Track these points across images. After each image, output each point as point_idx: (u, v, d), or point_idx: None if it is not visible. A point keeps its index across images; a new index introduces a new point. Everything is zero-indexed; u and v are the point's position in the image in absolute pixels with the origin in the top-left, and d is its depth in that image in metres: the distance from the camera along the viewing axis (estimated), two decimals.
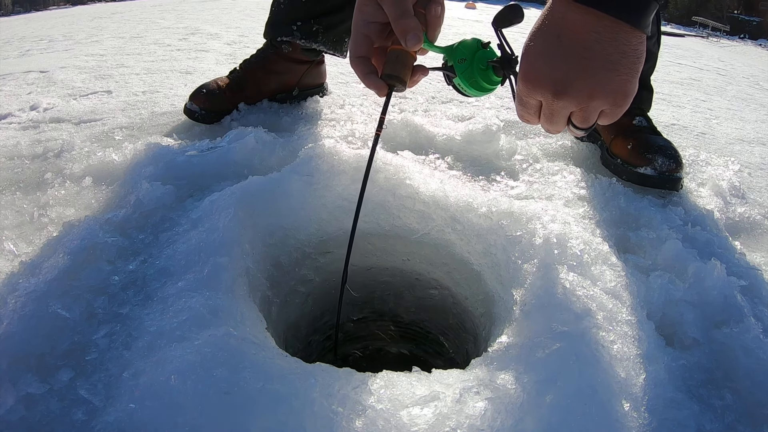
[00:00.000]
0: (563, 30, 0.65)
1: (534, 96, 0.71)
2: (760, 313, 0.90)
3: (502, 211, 0.97)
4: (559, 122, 0.72)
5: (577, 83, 0.66)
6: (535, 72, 0.68)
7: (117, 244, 0.94)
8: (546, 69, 0.67)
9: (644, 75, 1.51)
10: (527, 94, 0.71)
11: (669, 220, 1.15)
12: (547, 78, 0.67)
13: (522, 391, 0.63)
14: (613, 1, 0.62)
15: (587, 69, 0.65)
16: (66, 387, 0.68)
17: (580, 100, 0.67)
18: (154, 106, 1.82)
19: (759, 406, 0.73)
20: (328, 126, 1.59)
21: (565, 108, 0.70)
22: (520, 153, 1.43)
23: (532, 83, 0.69)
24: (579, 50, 0.64)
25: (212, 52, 2.97)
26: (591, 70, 0.65)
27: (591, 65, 0.65)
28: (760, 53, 9.13)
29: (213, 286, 0.78)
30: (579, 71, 0.65)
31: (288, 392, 0.61)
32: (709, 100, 2.87)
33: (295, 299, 1.10)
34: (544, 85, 0.68)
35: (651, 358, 0.72)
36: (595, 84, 0.66)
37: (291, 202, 1.03)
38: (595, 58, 0.64)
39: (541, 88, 0.68)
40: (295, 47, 1.68)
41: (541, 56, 0.67)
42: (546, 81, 0.67)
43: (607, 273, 0.84)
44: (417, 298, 1.24)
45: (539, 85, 0.68)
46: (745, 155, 1.83)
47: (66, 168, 1.26)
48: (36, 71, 2.46)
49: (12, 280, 0.82)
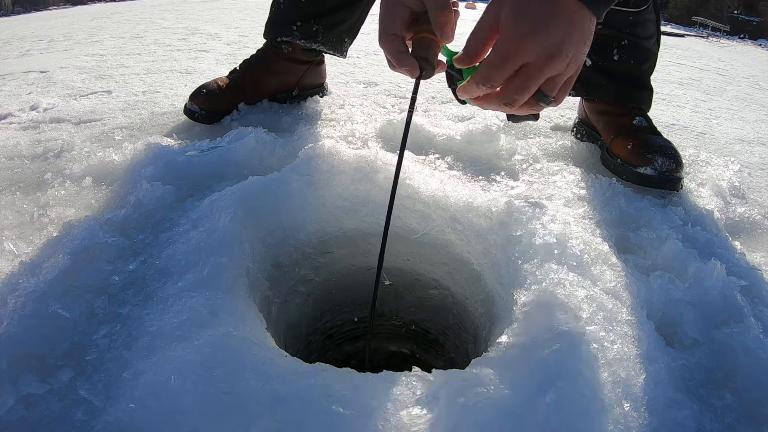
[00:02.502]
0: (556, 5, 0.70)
1: (523, 57, 0.72)
2: (760, 313, 0.90)
3: (502, 211, 0.97)
4: (532, 88, 0.75)
5: (567, 47, 0.71)
6: (534, 33, 0.70)
7: (117, 244, 0.94)
8: (543, 30, 0.70)
9: (644, 75, 1.51)
10: (515, 55, 0.72)
11: (669, 220, 1.15)
12: (544, 39, 0.70)
13: (522, 391, 0.63)
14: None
15: (575, 36, 0.72)
16: (66, 387, 0.68)
17: (564, 64, 0.72)
18: (154, 106, 1.82)
19: (759, 406, 0.73)
20: (328, 126, 1.59)
21: (549, 71, 0.73)
22: (520, 153, 1.43)
23: (525, 43, 0.70)
24: (568, 19, 0.70)
25: (212, 52, 2.97)
26: (578, 39, 0.72)
27: (579, 35, 0.72)
28: (760, 53, 9.13)
29: (213, 286, 0.78)
30: (569, 37, 0.71)
31: (288, 392, 0.61)
32: (709, 100, 2.87)
33: (295, 299, 1.10)
34: (539, 44, 0.70)
35: (651, 358, 0.72)
36: (577, 53, 0.73)
37: (291, 202, 1.03)
38: (580, 29, 0.72)
39: (536, 47, 0.70)
40: (295, 47, 1.68)
41: (540, 18, 0.70)
42: (542, 42, 0.70)
43: (607, 273, 0.84)
44: (417, 298, 1.24)
45: (535, 45, 0.70)
46: (745, 155, 1.83)
47: (66, 168, 1.26)
48: (36, 71, 2.46)
49: (12, 280, 0.82)
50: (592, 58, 1.48)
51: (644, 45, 1.46)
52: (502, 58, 0.73)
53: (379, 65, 2.64)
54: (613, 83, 1.47)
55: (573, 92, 1.58)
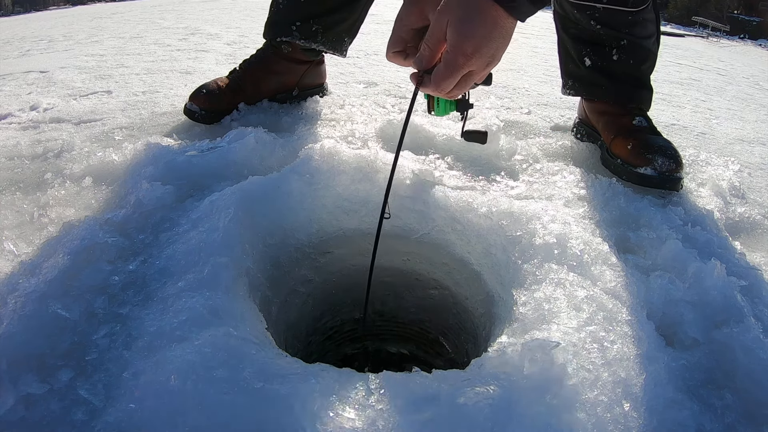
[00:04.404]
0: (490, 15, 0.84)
1: (469, 68, 0.86)
2: (760, 313, 0.90)
3: (502, 211, 0.97)
4: (469, 85, 0.91)
5: (500, 53, 0.88)
6: (479, 50, 0.85)
7: (117, 244, 0.94)
8: (486, 47, 0.85)
9: (644, 75, 1.51)
10: (463, 68, 0.86)
11: (669, 220, 1.15)
12: (486, 53, 0.86)
13: (522, 391, 0.63)
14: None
15: (506, 43, 0.88)
16: (66, 387, 0.68)
17: (493, 65, 0.89)
18: (154, 106, 1.82)
19: (759, 406, 0.73)
20: (328, 126, 1.59)
21: (484, 73, 0.89)
22: (520, 153, 1.43)
23: (472, 59, 0.85)
24: (504, 33, 0.86)
25: (212, 52, 2.97)
26: (506, 44, 0.88)
27: (507, 41, 0.88)
28: (760, 53, 9.14)
29: (213, 286, 0.78)
30: (503, 46, 0.87)
31: (288, 392, 0.61)
32: (709, 100, 2.87)
33: (295, 299, 1.10)
34: (483, 58, 0.86)
35: (651, 358, 0.72)
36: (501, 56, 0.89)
37: (291, 202, 1.03)
38: (509, 36, 0.87)
39: (480, 60, 0.86)
40: (295, 47, 1.68)
41: (482, 37, 0.84)
42: (485, 55, 0.86)
43: (607, 273, 0.84)
44: (417, 298, 1.24)
45: (479, 59, 0.85)
46: (745, 155, 1.84)
47: (66, 168, 1.26)
48: (36, 71, 2.46)
49: (12, 280, 0.82)
50: (592, 58, 1.48)
51: (644, 45, 1.46)
52: (453, 71, 0.86)
53: (379, 65, 2.64)
54: (612, 83, 1.47)
55: (573, 92, 1.58)
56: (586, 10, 1.40)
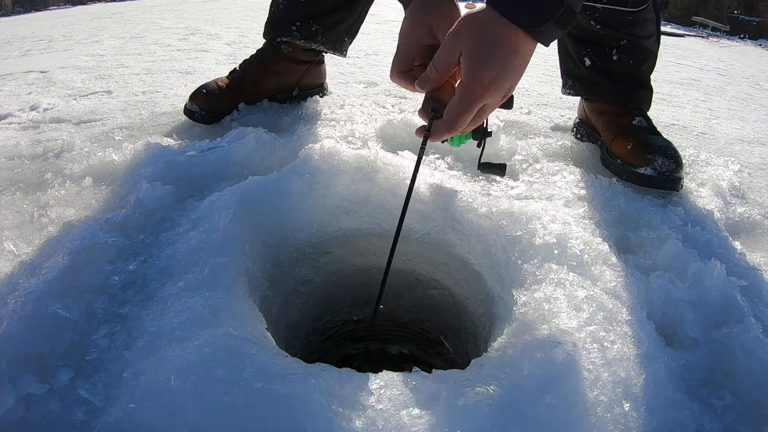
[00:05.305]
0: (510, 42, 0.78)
1: (485, 101, 0.81)
2: (760, 313, 0.90)
3: (502, 211, 0.97)
4: (484, 119, 0.87)
5: (516, 83, 0.82)
6: (496, 83, 0.79)
7: (117, 244, 0.94)
8: (503, 79, 0.79)
9: (644, 75, 1.51)
10: (480, 101, 0.80)
11: (669, 220, 1.15)
12: (503, 86, 0.80)
13: (522, 391, 0.63)
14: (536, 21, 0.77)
15: (522, 71, 0.81)
16: (66, 387, 0.68)
17: (508, 96, 0.84)
18: (154, 106, 1.82)
19: (759, 406, 0.73)
20: (328, 126, 1.59)
21: (499, 103, 0.84)
22: (520, 153, 1.43)
23: (489, 92, 0.79)
24: (522, 62, 0.80)
25: (212, 52, 2.97)
26: (521, 73, 0.82)
27: (522, 70, 0.81)
28: (760, 53, 9.14)
29: (213, 286, 0.78)
30: (519, 76, 0.81)
31: (288, 392, 0.61)
32: (709, 100, 2.87)
33: (295, 299, 1.10)
34: (500, 91, 0.80)
35: (651, 358, 0.72)
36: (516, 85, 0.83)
37: (291, 202, 1.03)
38: (524, 63, 0.81)
39: (498, 93, 0.81)
40: (295, 47, 1.68)
41: (504, 68, 0.79)
42: (502, 88, 0.80)
43: (607, 273, 0.84)
44: (417, 298, 1.24)
45: (497, 92, 0.80)
46: (745, 155, 1.84)
47: (66, 168, 1.26)
48: (36, 71, 2.46)
49: (12, 280, 0.82)
50: (592, 58, 1.48)
51: (643, 45, 1.46)
52: (470, 104, 0.80)
53: (379, 65, 2.64)
54: (612, 83, 1.47)
55: (573, 92, 1.58)
56: (586, 10, 1.40)
